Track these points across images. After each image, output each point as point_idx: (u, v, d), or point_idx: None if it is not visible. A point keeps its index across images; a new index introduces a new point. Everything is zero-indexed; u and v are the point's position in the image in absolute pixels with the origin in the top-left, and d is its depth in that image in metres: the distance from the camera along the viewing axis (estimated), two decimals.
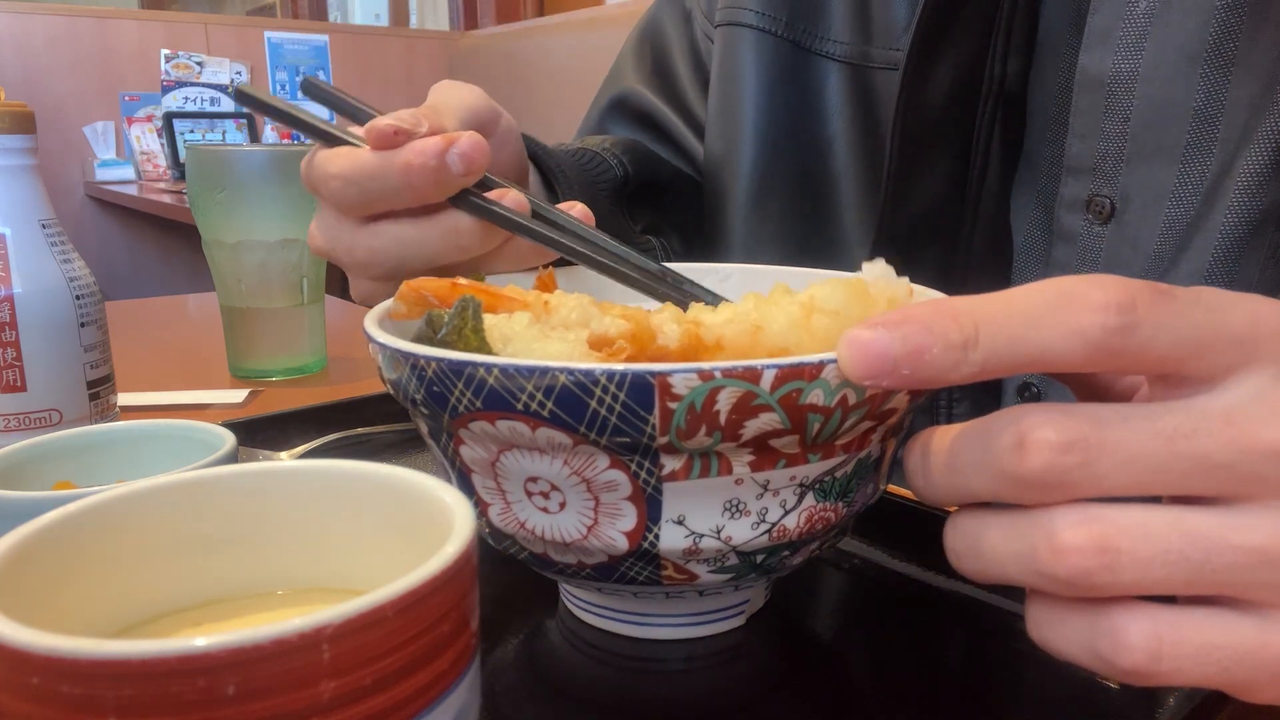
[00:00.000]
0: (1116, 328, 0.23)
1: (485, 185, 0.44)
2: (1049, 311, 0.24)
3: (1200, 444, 0.23)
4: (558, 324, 0.34)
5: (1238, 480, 0.23)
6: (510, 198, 0.43)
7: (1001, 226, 0.59)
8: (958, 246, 0.59)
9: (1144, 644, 0.23)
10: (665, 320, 0.30)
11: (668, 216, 0.71)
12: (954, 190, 0.59)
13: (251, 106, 0.45)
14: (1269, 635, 0.23)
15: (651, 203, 0.69)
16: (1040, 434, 0.23)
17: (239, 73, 3.47)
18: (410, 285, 0.37)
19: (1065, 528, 0.23)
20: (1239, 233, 0.48)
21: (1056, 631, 0.25)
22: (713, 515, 0.30)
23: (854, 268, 0.31)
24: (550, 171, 0.60)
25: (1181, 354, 0.24)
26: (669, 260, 0.66)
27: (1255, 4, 0.46)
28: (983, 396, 0.60)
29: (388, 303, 0.38)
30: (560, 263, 0.44)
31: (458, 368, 0.28)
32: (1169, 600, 0.24)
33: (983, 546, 0.25)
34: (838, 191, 0.64)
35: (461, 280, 0.37)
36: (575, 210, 0.45)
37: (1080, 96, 0.53)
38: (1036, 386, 0.58)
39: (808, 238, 0.66)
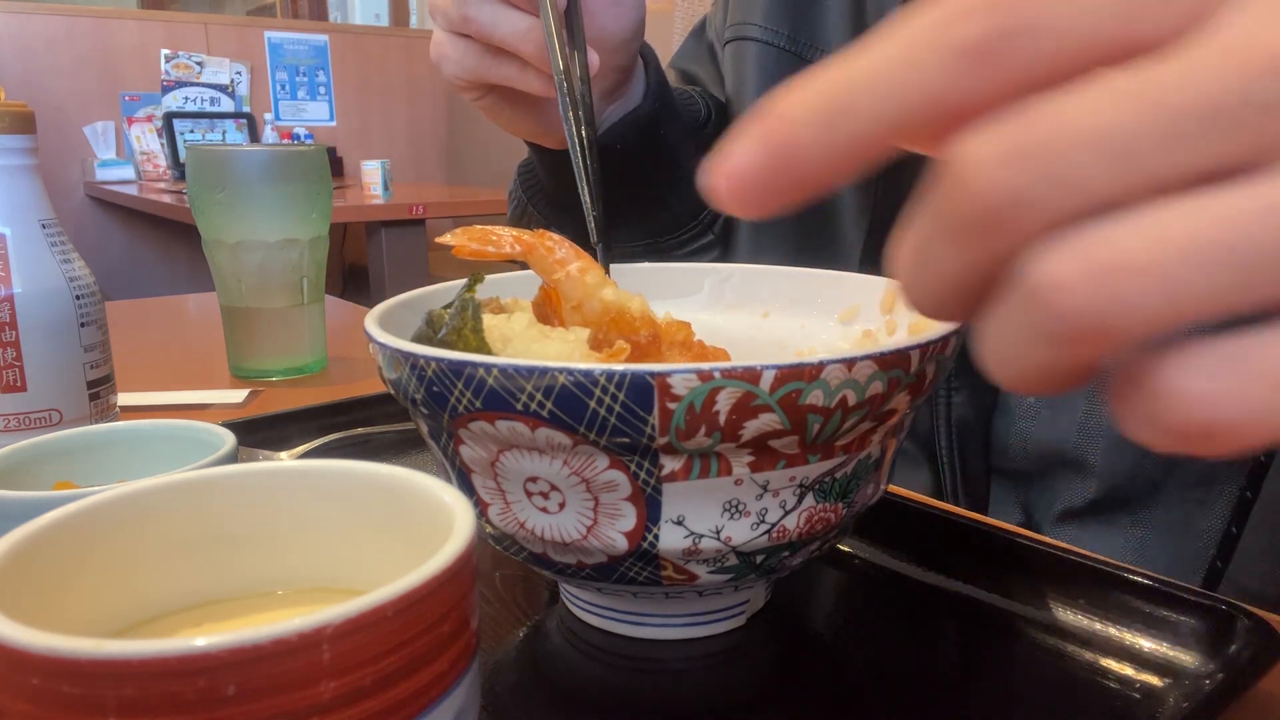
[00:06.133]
0: (990, 6, 0.18)
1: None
2: (909, 44, 0.19)
3: (1197, 93, 0.17)
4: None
5: (1259, 123, 0.16)
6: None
7: None
8: None
9: (1199, 380, 0.17)
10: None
11: None
12: None
13: None
14: None
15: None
16: (976, 154, 0.18)
17: (239, 72, 3.47)
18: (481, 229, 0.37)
19: (1052, 264, 0.17)
20: None
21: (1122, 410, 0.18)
22: (712, 516, 0.30)
23: (852, 266, 0.31)
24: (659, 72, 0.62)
25: (1116, 15, 0.17)
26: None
27: None
28: (980, 381, 0.61)
29: (389, 302, 0.38)
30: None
31: (457, 368, 0.28)
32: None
33: (993, 344, 0.19)
34: (837, 195, 0.66)
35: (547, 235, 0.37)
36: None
37: None
38: None
39: (808, 239, 0.68)
